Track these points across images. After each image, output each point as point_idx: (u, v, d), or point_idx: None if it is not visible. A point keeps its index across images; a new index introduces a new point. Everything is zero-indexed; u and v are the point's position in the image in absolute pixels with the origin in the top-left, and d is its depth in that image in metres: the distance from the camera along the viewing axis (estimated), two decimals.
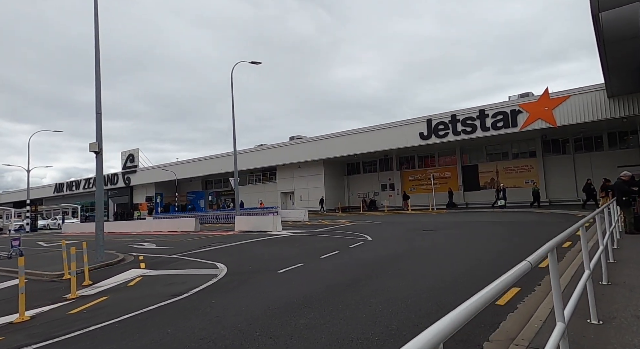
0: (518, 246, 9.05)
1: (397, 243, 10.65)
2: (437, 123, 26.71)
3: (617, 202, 9.74)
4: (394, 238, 11.94)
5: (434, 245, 9.94)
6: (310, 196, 34.97)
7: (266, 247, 11.29)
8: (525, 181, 27.95)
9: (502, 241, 10.17)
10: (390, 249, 9.61)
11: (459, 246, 9.54)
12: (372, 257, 8.31)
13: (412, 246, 9.89)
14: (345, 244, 10.81)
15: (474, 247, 9.23)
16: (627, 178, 9.78)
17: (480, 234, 11.74)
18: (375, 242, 10.99)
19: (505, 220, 16.15)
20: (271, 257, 9.06)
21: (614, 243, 7.66)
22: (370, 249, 9.76)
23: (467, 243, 9.99)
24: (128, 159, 48.68)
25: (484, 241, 10.35)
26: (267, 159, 36.08)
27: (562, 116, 22.33)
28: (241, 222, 17.55)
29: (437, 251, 9.03)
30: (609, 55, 15.99)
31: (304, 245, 11.36)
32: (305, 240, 12.71)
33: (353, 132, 30.99)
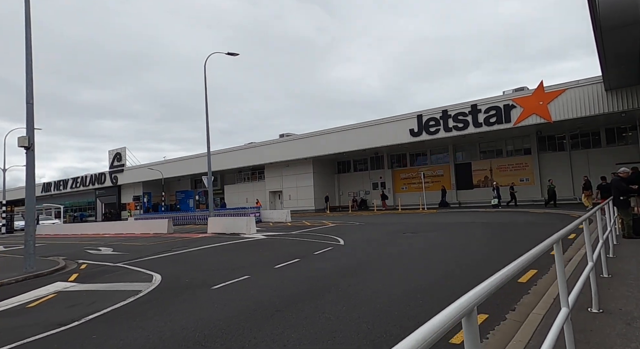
0: (499, 253, 7.96)
1: (367, 249, 9.56)
2: (427, 119, 25.61)
3: (614, 203, 8.65)
4: (368, 242, 10.86)
5: (407, 251, 8.85)
6: (299, 196, 33.87)
7: (224, 253, 10.20)
8: (520, 179, 26.86)
9: (483, 246, 9.08)
10: (356, 256, 8.52)
11: (435, 253, 8.46)
12: (332, 268, 7.21)
13: (382, 253, 8.80)
14: (312, 249, 9.72)
15: (451, 254, 8.14)
16: (625, 175, 8.68)
17: (462, 238, 10.66)
18: (345, 248, 9.90)
19: (495, 221, 15.07)
20: (220, 266, 7.95)
21: (610, 251, 6.57)
22: (336, 256, 8.67)
23: (444, 249, 8.90)
24: (115, 157, 47.53)
25: (464, 246, 9.27)
26: (255, 157, 34.96)
27: (557, 110, 21.23)
28: (214, 224, 16.45)
29: (408, 258, 7.94)
30: (606, 44, 14.90)
31: (267, 251, 10.27)
32: (274, 245, 11.63)
33: (342, 129, 29.88)
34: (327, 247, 10.04)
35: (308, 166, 33.34)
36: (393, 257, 8.20)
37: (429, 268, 6.86)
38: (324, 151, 30.71)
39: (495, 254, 7.96)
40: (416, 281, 5.87)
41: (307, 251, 9.59)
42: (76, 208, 58.58)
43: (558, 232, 2.65)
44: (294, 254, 9.07)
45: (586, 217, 4.23)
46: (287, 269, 7.25)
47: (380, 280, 6.01)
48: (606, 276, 5.16)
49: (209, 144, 17.61)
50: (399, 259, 7.84)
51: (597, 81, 19.86)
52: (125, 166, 46.44)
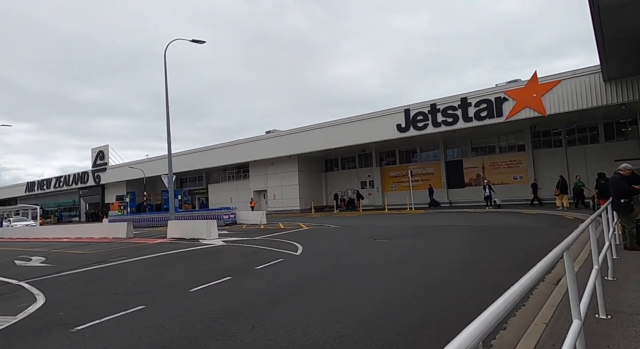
0: (475, 270, 6.49)
1: (322, 262, 8.09)
2: (415, 113, 24.10)
3: (613, 206, 7.18)
4: (328, 252, 9.38)
5: (369, 264, 7.39)
6: (284, 195, 32.38)
7: (156, 267, 8.71)
8: (513, 177, 25.41)
9: (460, 258, 7.61)
10: (303, 272, 7.08)
11: (401, 266, 7.01)
12: (261, 291, 5.77)
13: (337, 267, 7.33)
14: (259, 262, 8.26)
15: (420, 269, 6.69)
16: (627, 172, 7.20)
17: (438, 247, 9.21)
18: (297, 260, 8.44)
19: (481, 225, 13.61)
20: (127, 289, 6.46)
21: (609, 273, 5.10)
22: (278, 272, 7.22)
23: (413, 261, 7.44)
24: (98, 156, 45.94)
25: (438, 257, 7.81)
26: (240, 154, 33.40)
27: (552, 103, 19.74)
28: (174, 229, 14.94)
29: (366, 275, 6.49)
30: (604, 28, 13.38)
31: (209, 264, 8.79)
32: (222, 255, 10.15)
33: (327, 125, 28.34)
34: (278, 259, 8.56)
35: (293, 164, 31.83)
36: (348, 273, 6.75)
37: (386, 289, 5.42)
38: (308, 148, 29.19)
39: (470, 271, 6.50)
40: (360, 311, 4.43)
41: (251, 264, 8.12)
42: (63, 208, 57.05)
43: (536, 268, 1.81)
44: (232, 270, 7.61)
45: (583, 229, 3.28)
46: (204, 294, 5.76)
47: (315, 310, 4.57)
48: (604, 316, 3.67)
49: (169, 139, 16.10)
50: (354, 277, 6.39)
51: (595, 71, 18.38)
52: (108, 165, 44.87)
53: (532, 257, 7.41)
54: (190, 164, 36.78)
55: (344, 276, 6.57)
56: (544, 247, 8.46)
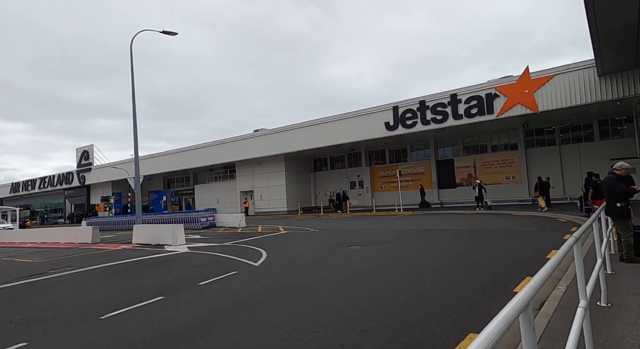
0: (450, 281, 5.54)
1: (278, 275, 7.12)
2: (404, 111, 23.16)
3: (607, 211, 6.25)
4: (290, 261, 8.41)
5: (329, 279, 6.44)
6: (271, 196, 31.35)
7: (89, 282, 7.72)
8: (505, 177, 24.52)
9: (435, 271, 6.65)
10: (249, 289, 6.14)
11: (363, 282, 6.07)
12: (181, 320, 4.80)
13: (292, 282, 6.37)
14: (210, 274, 7.33)
15: (383, 286, 5.74)
16: (624, 172, 6.27)
17: (416, 255, 8.27)
18: (251, 272, 7.48)
19: (468, 228, 12.67)
20: (36, 312, 5.48)
21: (602, 295, 4.15)
22: (220, 289, 6.29)
23: (378, 275, 6.49)
24: (82, 156, 44.68)
25: (410, 269, 6.88)
26: (225, 154, 32.32)
27: (545, 99, 18.84)
28: (139, 233, 13.89)
29: (315, 293, 5.58)
30: (598, 17, 12.48)
31: (151, 277, 7.80)
32: (177, 264, 9.17)
33: (313, 123, 27.34)
34: (232, 271, 7.59)
35: (280, 163, 30.81)
36: (298, 291, 5.79)
37: (331, 314, 4.46)
38: (295, 147, 28.18)
39: (445, 286, 5.56)
40: (288, 344, 3.44)
41: (199, 277, 7.14)
42: (51, 209, 55.72)
43: None
44: (172, 285, 6.65)
45: (563, 254, 2.36)
46: (115, 322, 4.77)
47: (234, 346, 3.58)
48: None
49: (136, 137, 15.01)
50: (301, 297, 5.45)
51: (589, 65, 17.51)
52: (93, 165, 43.63)
53: (514, 271, 6.48)
54: (176, 164, 35.69)
55: (292, 294, 5.59)
56: (529, 257, 7.61)
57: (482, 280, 5.67)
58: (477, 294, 5.02)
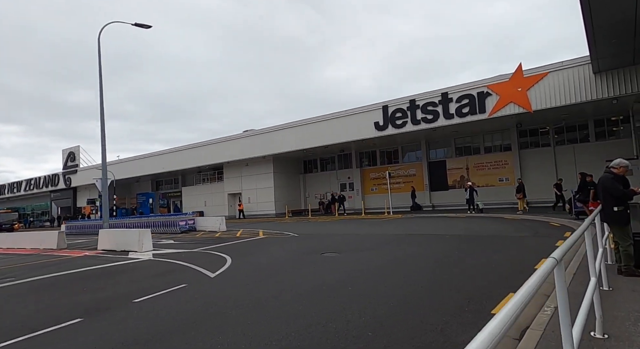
0: (424, 299, 4.69)
1: (229, 288, 6.29)
2: (394, 110, 22.36)
3: (603, 216, 5.42)
4: (252, 272, 7.54)
5: (281, 293, 5.57)
6: (259, 198, 30.43)
7: (17, 297, 6.81)
8: (498, 179, 23.74)
9: (409, 285, 5.80)
10: (186, 309, 5.30)
11: (320, 299, 5.23)
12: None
13: (237, 298, 5.48)
14: (156, 288, 6.52)
15: (341, 304, 4.90)
16: (622, 171, 5.44)
17: (393, 264, 7.44)
18: (202, 286, 6.64)
19: (456, 233, 11.83)
20: None
21: (596, 326, 3.30)
22: (155, 308, 5.46)
23: (342, 291, 5.65)
24: (69, 157, 43.58)
25: (381, 283, 6.06)
26: (212, 155, 31.39)
27: (538, 98, 18.09)
28: (105, 239, 12.95)
29: (263, 313, 4.75)
30: (594, 11, 11.77)
31: (90, 292, 6.93)
32: (130, 275, 8.30)
33: (302, 123, 26.50)
34: (181, 284, 6.71)
35: (268, 165, 29.92)
36: (240, 312, 4.93)
37: (272, 341, 3.56)
38: (283, 148, 27.31)
39: (416, 306, 4.72)
40: None
41: (141, 291, 6.28)
42: (39, 212, 54.48)
43: None
44: (104, 302, 5.80)
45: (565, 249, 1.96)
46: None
47: None
48: None
49: (103, 135, 14.09)
50: (241, 319, 4.65)
51: (584, 62, 16.77)
52: (80, 167, 42.55)
53: (497, 285, 5.51)
54: (162, 166, 34.73)
55: (232, 315, 4.72)
56: (517, 267, 6.73)
57: (458, 298, 4.82)
58: (448, 317, 4.16)
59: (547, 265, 1.74)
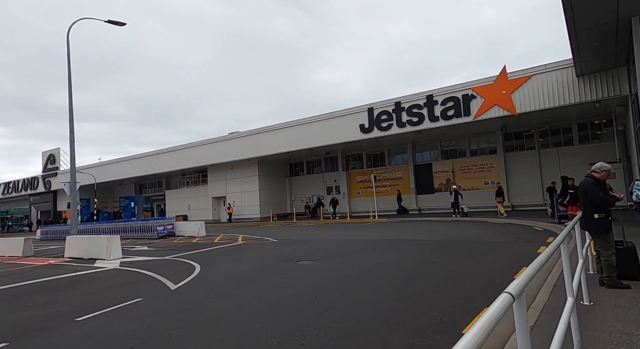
0: (385, 317, 4.27)
1: (187, 302, 5.78)
2: (379, 112, 22.08)
3: (583, 224, 5.09)
4: (218, 282, 7.05)
5: (241, 309, 5.09)
6: (244, 202, 29.81)
7: None
8: (484, 182, 23.62)
9: (375, 301, 5.39)
10: (129, 330, 4.78)
11: (274, 318, 4.76)
12: None
13: (189, 315, 5.00)
14: (110, 302, 6.01)
15: (299, 321, 4.45)
16: (604, 175, 5.13)
17: (364, 274, 7.05)
18: (157, 300, 6.14)
19: (437, 239, 11.50)
20: None
21: (574, 340, 2.92)
22: (95, 329, 4.99)
23: (305, 306, 5.22)
24: (48, 160, 42.27)
25: (343, 298, 5.64)
26: (196, 157, 30.66)
27: (523, 101, 17.99)
28: (73, 245, 12.25)
29: (216, 332, 4.22)
30: (576, 11, 11.62)
31: (36, 308, 6.34)
32: (89, 286, 7.76)
33: (287, 125, 26.03)
34: (137, 297, 6.18)
35: (253, 167, 29.35)
36: (190, 332, 4.44)
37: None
38: (268, 151, 26.80)
39: (375, 324, 4.31)
40: None
41: (88, 308, 5.73)
42: (20, 216, 52.70)
43: None
44: (41, 323, 5.27)
45: None
46: None
47: None
48: None
49: (72, 136, 13.40)
50: (187, 342, 4.07)
51: (567, 65, 16.73)
52: (60, 169, 41.28)
53: (472, 299, 4.80)
54: (145, 169, 33.84)
55: (179, 337, 4.22)
56: (495, 278, 6.27)
57: (429, 315, 4.41)
58: (415, 338, 3.75)
59: (501, 304, 1.33)
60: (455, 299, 4.97)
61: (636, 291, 4.68)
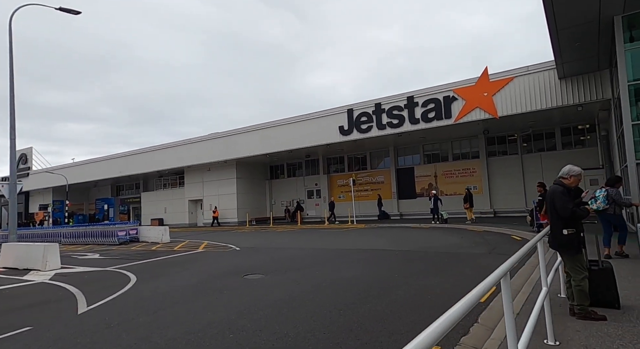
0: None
1: (71, 338, 4.75)
2: (359, 114, 21.29)
3: (551, 241, 4.27)
4: (132, 305, 6.07)
5: (136, 344, 4.13)
6: (221, 205, 28.66)
7: None
8: (466, 188, 22.93)
9: (306, 331, 4.47)
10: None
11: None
12: None
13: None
14: None
15: None
16: (574, 182, 4.30)
17: (307, 296, 6.17)
18: (48, 329, 5.14)
19: (406, 249, 10.66)
20: None
21: None
22: None
23: (204, 346, 4.21)
24: (20, 160, 40.41)
25: (269, 327, 4.71)
26: (173, 159, 29.42)
27: (504, 103, 17.37)
28: (9, 254, 11.05)
29: None
30: (557, 8, 10.99)
31: None
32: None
33: (265, 126, 25.06)
34: (26, 326, 5.15)
35: (231, 170, 28.26)
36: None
37: None
38: (245, 152, 25.78)
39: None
40: None
41: None
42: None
43: None
44: None
45: None
46: None
47: None
48: None
49: (13, 134, 12.28)
50: None
51: (549, 67, 16.16)
52: (32, 170, 39.56)
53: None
54: (120, 170, 32.47)
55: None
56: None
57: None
58: None
59: None
60: (397, 333, 4.08)
61: (613, 323, 3.86)
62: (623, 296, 4.63)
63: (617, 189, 7.30)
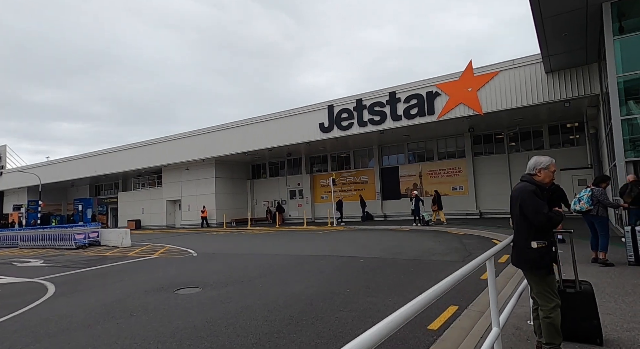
0: None
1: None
2: (340, 110, 20.28)
3: (515, 257, 3.28)
4: (18, 334, 4.93)
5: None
6: (199, 205, 27.47)
7: None
8: (452, 188, 22.08)
9: None
10: None
11: None
12: None
13: None
14: None
15: None
16: (546, 177, 3.31)
17: (231, 318, 5.12)
18: None
19: (375, 255, 9.65)
20: None
21: None
22: None
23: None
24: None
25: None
26: (150, 157, 28.17)
27: (489, 99, 16.48)
28: None
29: None
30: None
31: None
32: None
33: (245, 123, 23.93)
34: None
35: (210, 169, 27.09)
36: None
37: None
38: (223, 151, 24.65)
39: None
40: None
41: None
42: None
43: None
44: None
45: None
46: None
47: None
48: None
49: None
50: None
51: (536, 61, 15.31)
52: (5, 169, 37.99)
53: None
54: (95, 169, 31.12)
55: None
56: (408, 324, 4.59)
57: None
58: None
59: None
60: None
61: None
62: (607, 325, 3.65)
63: (603, 189, 6.36)
